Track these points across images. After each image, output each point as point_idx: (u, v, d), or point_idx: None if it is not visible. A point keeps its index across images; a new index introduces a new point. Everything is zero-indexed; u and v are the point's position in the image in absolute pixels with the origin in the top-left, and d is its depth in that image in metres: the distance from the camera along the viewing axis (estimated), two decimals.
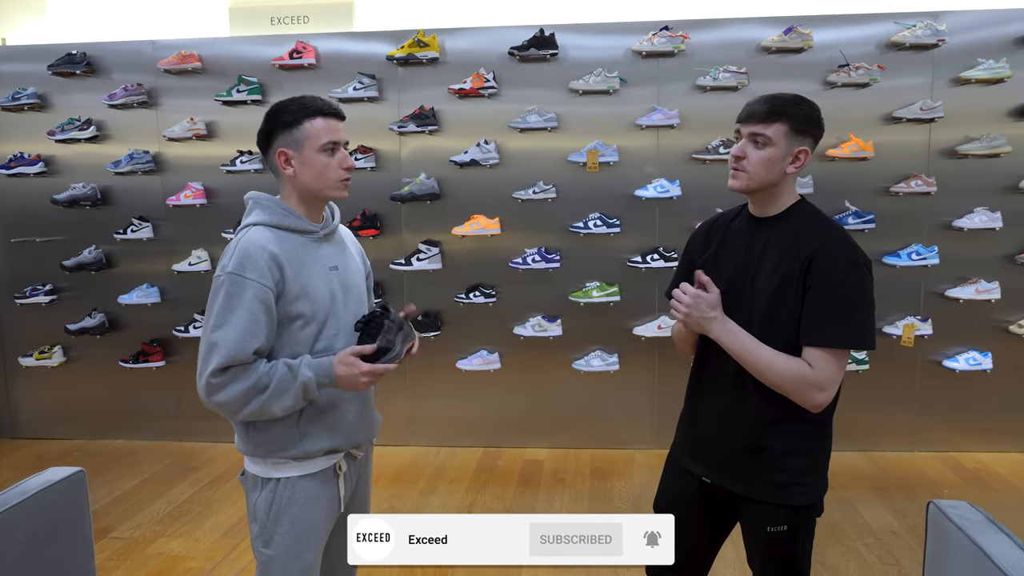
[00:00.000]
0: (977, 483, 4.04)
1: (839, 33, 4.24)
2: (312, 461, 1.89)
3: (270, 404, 1.76)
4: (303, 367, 1.78)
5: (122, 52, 4.61)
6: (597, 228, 4.35)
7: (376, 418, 2.13)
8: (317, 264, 1.88)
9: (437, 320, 4.57)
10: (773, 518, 1.88)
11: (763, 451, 1.87)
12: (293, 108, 1.85)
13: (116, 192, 4.73)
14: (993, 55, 4.14)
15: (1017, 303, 4.31)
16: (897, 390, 4.43)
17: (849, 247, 1.80)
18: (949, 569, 1.77)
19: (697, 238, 2.09)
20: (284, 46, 4.45)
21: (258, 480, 1.89)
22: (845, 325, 1.75)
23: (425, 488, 4.09)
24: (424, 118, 4.40)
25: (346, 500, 1.99)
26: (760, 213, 1.91)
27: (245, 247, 1.78)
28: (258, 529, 1.89)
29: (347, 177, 1.90)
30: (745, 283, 1.87)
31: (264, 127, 1.88)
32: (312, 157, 1.84)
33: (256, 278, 1.75)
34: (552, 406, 4.62)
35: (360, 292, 2.02)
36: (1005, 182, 4.25)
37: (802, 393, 1.77)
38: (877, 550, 3.32)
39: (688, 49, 4.27)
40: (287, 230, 1.87)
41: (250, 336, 1.74)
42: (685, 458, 2.05)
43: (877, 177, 4.30)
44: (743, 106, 1.87)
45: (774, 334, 1.81)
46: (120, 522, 3.69)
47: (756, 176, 1.82)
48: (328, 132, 1.85)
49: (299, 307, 1.82)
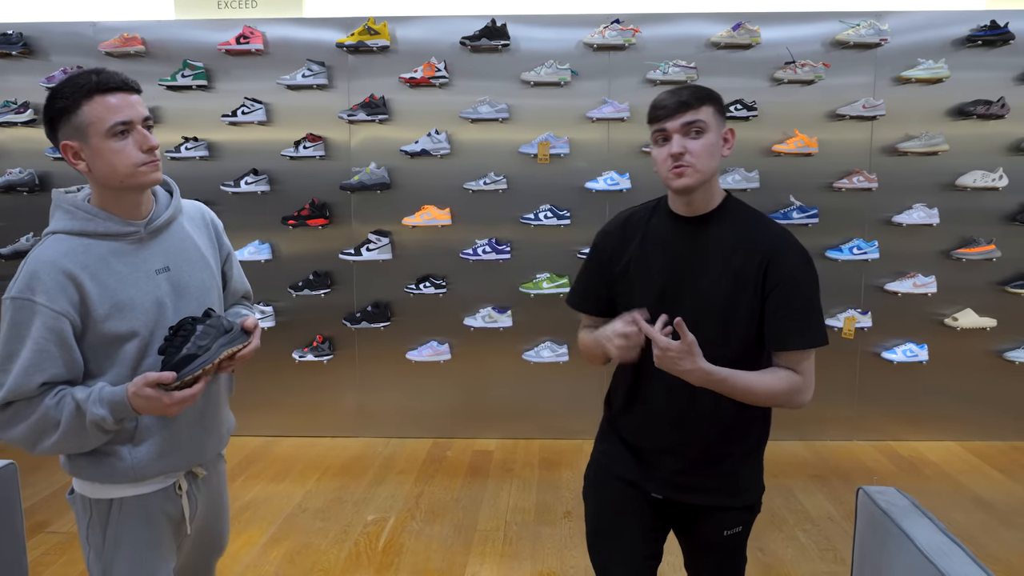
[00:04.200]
0: (911, 471, 4.17)
1: (786, 31, 4.32)
2: (146, 483, 1.66)
3: (67, 443, 1.53)
4: (91, 404, 1.50)
5: (61, 33, 4.47)
6: (548, 220, 4.37)
7: (225, 429, 1.86)
8: (137, 271, 1.61)
9: (387, 311, 4.54)
10: (730, 521, 1.87)
11: (719, 459, 1.83)
12: (67, 90, 1.51)
13: (55, 178, 4.59)
14: (933, 56, 4.26)
15: (952, 297, 4.45)
16: (837, 381, 4.54)
17: (800, 247, 1.77)
18: (876, 552, 1.84)
19: (610, 239, 1.91)
20: (231, 31, 4.37)
21: (88, 502, 1.66)
22: (813, 326, 1.73)
23: (373, 479, 4.07)
24: (374, 107, 4.35)
25: (192, 519, 1.77)
26: (690, 212, 1.78)
27: (32, 268, 1.51)
28: (94, 555, 1.67)
29: (150, 160, 1.57)
30: (685, 285, 1.76)
31: (45, 116, 1.57)
32: (100, 145, 1.53)
33: (44, 302, 1.49)
34: (502, 397, 4.64)
35: (203, 289, 1.73)
36: (942, 179, 4.38)
37: (793, 398, 1.73)
38: (815, 536, 3.42)
39: (639, 43, 4.31)
40: (91, 236, 1.58)
41: (34, 370, 1.49)
42: (628, 472, 1.90)
43: (821, 173, 4.39)
44: (655, 106, 1.72)
45: (731, 338, 1.74)
46: (57, 516, 3.59)
47: (704, 167, 1.69)
48: (113, 111, 1.52)
49: (113, 325, 1.56)
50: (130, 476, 1.62)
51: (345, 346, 4.64)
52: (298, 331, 4.59)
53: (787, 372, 1.73)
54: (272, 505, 3.76)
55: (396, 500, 3.81)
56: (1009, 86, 4.31)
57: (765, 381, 1.71)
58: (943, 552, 1.55)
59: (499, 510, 3.71)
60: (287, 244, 4.56)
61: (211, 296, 1.76)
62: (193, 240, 1.76)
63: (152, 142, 1.57)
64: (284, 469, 4.23)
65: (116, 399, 1.51)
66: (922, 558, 1.55)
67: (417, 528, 3.52)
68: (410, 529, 3.51)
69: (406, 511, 3.69)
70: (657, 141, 1.74)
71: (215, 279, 1.81)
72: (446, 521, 3.59)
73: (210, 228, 1.85)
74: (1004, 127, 4.34)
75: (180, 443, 1.69)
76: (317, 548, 3.32)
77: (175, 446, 1.68)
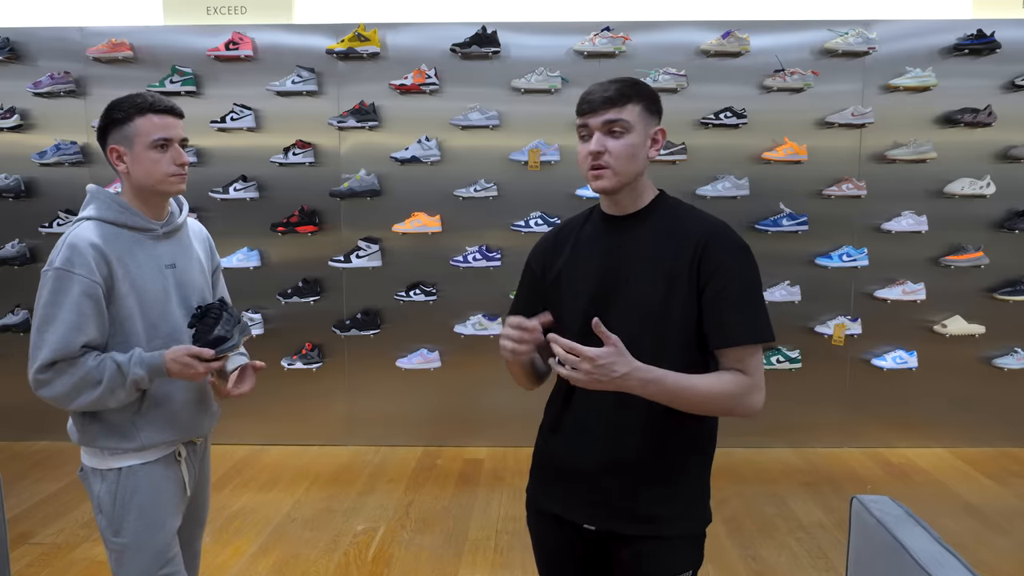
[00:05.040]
0: (902, 478, 4.18)
1: (775, 39, 4.33)
2: (151, 450, 1.91)
3: (103, 399, 1.78)
4: (133, 365, 1.79)
5: (48, 38, 4.43)
6: (538, 227, 4.35)
7: (214, 410, 2.13)
8: (152, 262, 1.90)
9: (376, 318, 4.51)
10: (678, 562, 1.66)
11: (658, 478, 1.64)
12: (125, 105, 1.85)
13: (41, 184, 4.55)
14: (920, 64, 4.29)
15: (941, 304, 4.47)
16: (828, 388, 4.55)
17: (734, 235, 1.63)
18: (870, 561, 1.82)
19: (540, 252, 1.81)
20: (220, 37, 4.34)
21: (98, 472, 1.90)
22: (754, 318, 1.58)
23: (363, 489, 4.04)
24: (364, 113, 4.34)
25: (191, 484, 2.04)
26: (619, 211, 1.68)
27: (72, 242, 1.79)
28: (106, 521, 1.90)
29: (179, 172, 1.90)
30: (616, 289, 1.63)
31: (100, 124, 1.89)
32: (142, 154, 1.85)
33: (84, 273, 1.76)
34: (492, 405, 4.61)
35: (201, 291, 2.03)
36: (931, 187, 4.41)
37: (743, 402, 1.57)
38: (807, 544, 3.41)
39: (629, 50, 4.31)
40: (121, 226, 1.88)
41: (76, 331, 1.75)
42: (555, 506, 1.73)
43: (810, 180, 4.41)
44: (580, 99, 1.62)
45: (667, 344, 1.59)
46: (42, 527, 3.54)
47: (623, 170, 1.58)
48: (158, 129, 1.85)
49: (130, 304, 1.84)
50: (137, 444, 1.87)
51: (334, 354, 4.61)
52: (287, 339, 4.55)
53: (733, 373, 1.57)
54: (260, 515, 3.71)
55: (386, 509, 3.78)
56: (996, 94, 4.35)
57: (708, 382, 1.54)
58: (938, 562, 1.54)
59: (490, 519, 3.68)
60: (276, 251, 4.54)
61: (206, 296, 2.05)
62: (194, 247, 2.07)
63: (184, 159, 1.90)
64: (273, 478, 4.19)
65: (154, 362, 1.80)
66: (918, 568, 1.54)
67: (407, 538, 3.49)
68: (400, 539, 3.48)
69: (396, 520, 3.66)
70: (580, 136, 1.63)
71: (208, 283, 2.10)
72: (436, 530, 3.56)
73: (206, 242, 2.16)
74: (991, 135, 4.37)
75: (179, 418, 1.95)
76: (306, 559, 3.29)
77: (176, 420, 1.94)
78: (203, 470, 2.14)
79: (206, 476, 2.18)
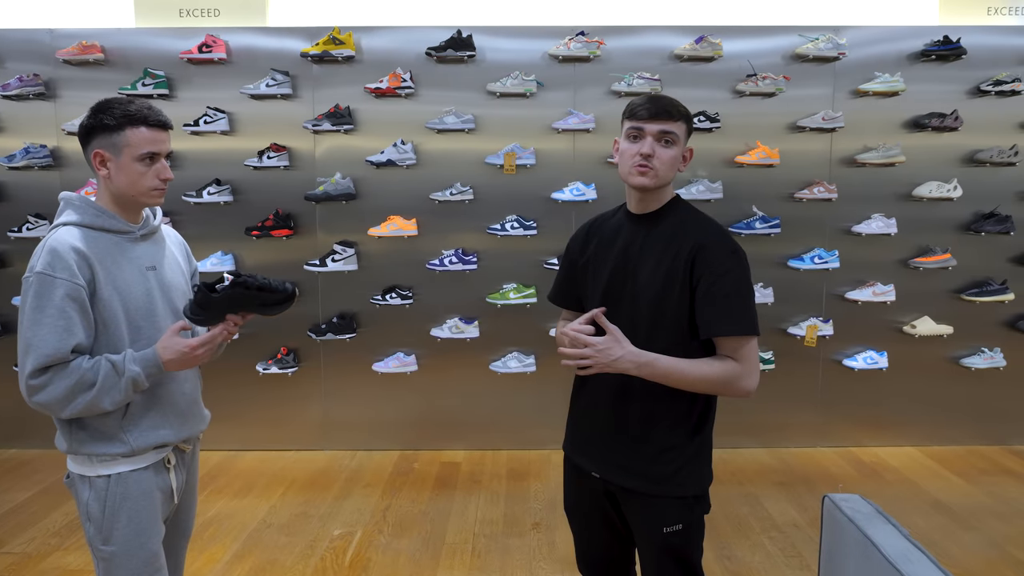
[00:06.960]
0: (873, 476, 4.24)
1: (748, 44, 4.39)
2: (140, 456, 1.89)
3: (98, 401, 1.76)
4: (128, 363, 1.78)
5: (17, 40, 4.36)
6: (514, 230, 4.37)
7: (204, 414, 2.12)
8: (132, 264, 1.89)
9: (352, 322, 4.50)
10: (670, 517, 1.88)
11: (647, 441, 1.88)
12: (117, 113, 1.82)
13: (10, 188, 4.48)
14: (889, 69, 4.37)
15: (910, 305, 4.55)
16: (801, 388, 4.61)
17: (728, 240, 1.85)
18: (842, 559, 1.85)
19: (577, 240, 2.10)
20: (193, 39, 4.31)
21: (86, 479, 1.87)
22: (741, 313, 1.79)
23: (340, 493, 4.02)
24: (339, 117, 4.33)
25: (179, 492, 2.02)
26: (641, 209, 1.93)
27: (52, 247, 1.76)
28: (95, 529, 1.87)
29: (161, 187, 1.90)
30: (626, 282, 1.89)
31: (85, 123, 1.85)
32: (128, 164, 1.84)
33: (66, 276, 1.74)
34: (469, 408, 4.62)
35: (184, 293, 2.03)
36: (900, 190, 4.48)
37: (733, 385, 1.79)
38: (780, 543, 3.45)
39: (604, 55, 4.34)
40: (99, 230, 1.86)
41: (66, 334, 1.73)
42: (576, 456, 2.05)
43: (782, 183, 4.47)
44: (638, 105, 1.84)
45: (662, 331, 1.83)
46: (12, 536, 3.49)
47: (664, 174, 1.84)
48: (148, 143, 1.84)
49: (113, 307, 1.82)
50: (126, 449, 1.84)
51: (310, 358, 4.59)
52: (262, 343, 4.52)
53: (724, 360, 1.80)
54: (236, 521, 3.69)
55: (363, 514, 3.77)
56: (962, 99, 4.44)
57: (697, 366, 1.78)
58: (908, 559, 1.57)
59: (467, 522, 3.68)
60: (251, 255, 4.50)
61: (186, 297, 2.03)
62: (172, 250, 2.07)
63: (168, 175, 1.90)
64: (248, 484, 4.15)
65: (147, 357, 1.80)
66: (887, 565, 1.57)
67: (384, 542, 3.48)
68: (377, 543, 3.47)
69: (373, 525, 3.65)
70: (629, 136, 1.86)
71: (189, 287, 2.09)
72: (414, 534, 3.56)
73: (182, 247, 2.16)
74: (958, 139, 4.46)
75: (169, 421, 1.94)
76: (283, 564, 3.27)
77: (165, 423, 1.92)
78: (191, 480, 2.12)
79: (193, 487, 2.15)
